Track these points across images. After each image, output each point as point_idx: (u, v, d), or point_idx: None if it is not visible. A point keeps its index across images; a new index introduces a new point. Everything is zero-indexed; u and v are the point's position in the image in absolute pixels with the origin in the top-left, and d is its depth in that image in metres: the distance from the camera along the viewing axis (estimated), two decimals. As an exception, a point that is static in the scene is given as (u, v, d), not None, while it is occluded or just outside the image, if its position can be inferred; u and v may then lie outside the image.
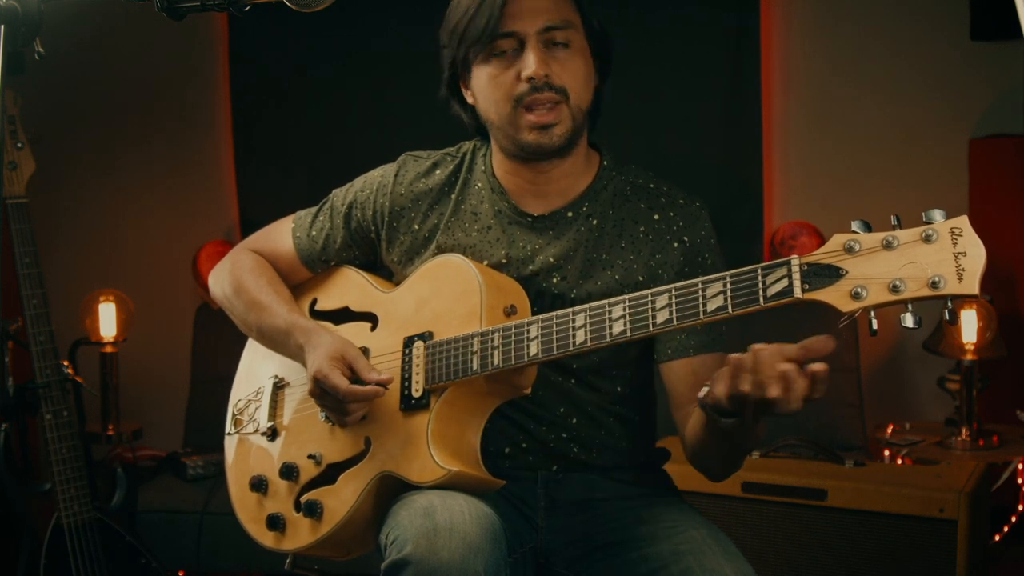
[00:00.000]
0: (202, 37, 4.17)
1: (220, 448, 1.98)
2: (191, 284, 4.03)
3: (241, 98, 4.14)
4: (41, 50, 1.33)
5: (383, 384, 1.66)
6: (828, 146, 3.91)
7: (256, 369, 1.96)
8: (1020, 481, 3.33)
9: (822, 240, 3.68)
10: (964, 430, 3.23)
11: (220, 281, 1.95)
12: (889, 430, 3.43)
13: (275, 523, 1.76)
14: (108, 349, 3.66)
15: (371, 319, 1.81)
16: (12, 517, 2.64)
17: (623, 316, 1.48)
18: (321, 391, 1.67)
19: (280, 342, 1.83)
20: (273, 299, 1.86)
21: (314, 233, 1.92)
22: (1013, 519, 3.33)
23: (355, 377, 1.67)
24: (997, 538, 3.25)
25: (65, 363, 2.67)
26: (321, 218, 1.92)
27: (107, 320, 3.70)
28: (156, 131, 4.22)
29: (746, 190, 3.88)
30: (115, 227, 4.23)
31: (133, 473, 2.84)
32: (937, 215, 1.29)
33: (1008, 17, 1.66)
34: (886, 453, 3.33)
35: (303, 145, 4.08)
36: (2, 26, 1.24)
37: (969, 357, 3.24)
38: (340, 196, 1.91)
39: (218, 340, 3.71)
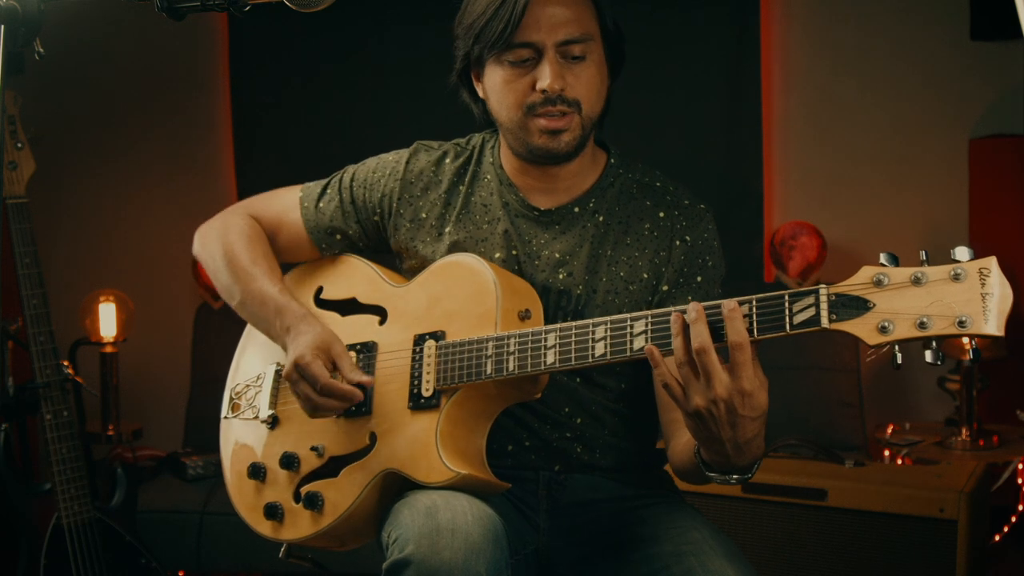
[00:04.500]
0: (202, 37, 4.17)
1: (219, 445, 1.97)
2: (191, 284, 4.02)
3: (241, 98, 4.14)
4: (41, 50, 1.32)
5: (364, 386, 1.65)
6: (828, 146, 3.91)
7: (256, 354, 1.92)
8: (1020, 481, 3.33)
9: (822, 240, 3.70)
10: (964, 430, 3.24)
11: (208, 240, 1.90)
12: (889, 430, 3.43)
13: (273, 512, 1.75)
14: (108, 349, 3.66)
15: (380, 312, 1.79)
16: (12, 517, 2.63)
17: (644, 332, 1.46)
18: (299, 376, 1.66)
19: (263, 318, 1.80)
20: (265, 273, 1.82)
21: (322, 205, 1.89)
22: (1013, 519, 3.33)
23: (336, 375, 1.67)
24: (997, 538, 3.25)
25: (65, 363, 2.67)
26: (330, 191, 1.89)
27: (107, 320, 3.70)
28: (156, 131, 4.22)
29: (746, 190, 3.88)
30: (115, 227, 4.23)
31: (133, 473, 2.83)
32: (964, 253, 1.29)
33: (1008, 17, 1.66)
34: (886, 453, 3.33)
35: (303, 145, 4.07)
36: (2, 26, 1.24)
37: (969, 357, 3.24)
38: (351, 172, 1.89)
39: (218, 340, 3.70)
